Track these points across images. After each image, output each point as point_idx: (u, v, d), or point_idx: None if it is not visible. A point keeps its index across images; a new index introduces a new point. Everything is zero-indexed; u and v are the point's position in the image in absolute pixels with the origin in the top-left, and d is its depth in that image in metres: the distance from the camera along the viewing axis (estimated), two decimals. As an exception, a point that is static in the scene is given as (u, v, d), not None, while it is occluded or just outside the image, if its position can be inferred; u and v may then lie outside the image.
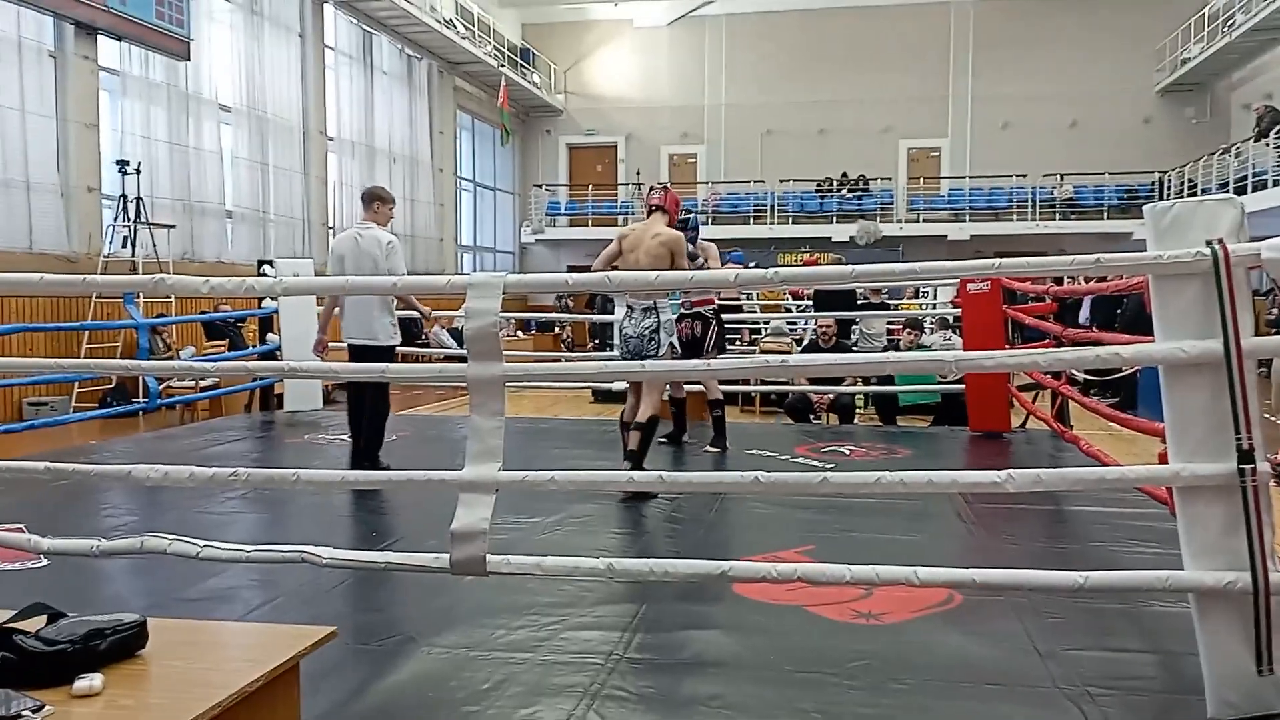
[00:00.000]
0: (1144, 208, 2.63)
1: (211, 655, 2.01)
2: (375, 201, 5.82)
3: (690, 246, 6.26)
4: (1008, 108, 21.55)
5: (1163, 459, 2.60)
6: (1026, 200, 20.79)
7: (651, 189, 5.86)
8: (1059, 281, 7.15)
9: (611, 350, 12.53)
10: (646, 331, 5.43)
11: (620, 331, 5.60)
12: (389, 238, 5.74)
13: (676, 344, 5.76)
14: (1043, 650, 2.97)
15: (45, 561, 3.70)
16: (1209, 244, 2.38)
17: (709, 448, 6.62)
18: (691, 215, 6.84)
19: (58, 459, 4.02)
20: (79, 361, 6.84)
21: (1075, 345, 5.44)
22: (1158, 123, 21.19)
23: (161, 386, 8.58)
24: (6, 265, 8.64)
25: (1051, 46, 21.21)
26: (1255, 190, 14.70)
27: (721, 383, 8.05)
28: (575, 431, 7.87)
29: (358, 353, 5.67)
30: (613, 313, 11.52)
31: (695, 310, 6.43)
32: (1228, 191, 14.82)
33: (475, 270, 20.86)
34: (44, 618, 1.92)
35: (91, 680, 1.74)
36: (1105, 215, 20.41)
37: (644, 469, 5.27)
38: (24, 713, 1.60)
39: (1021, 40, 21.39)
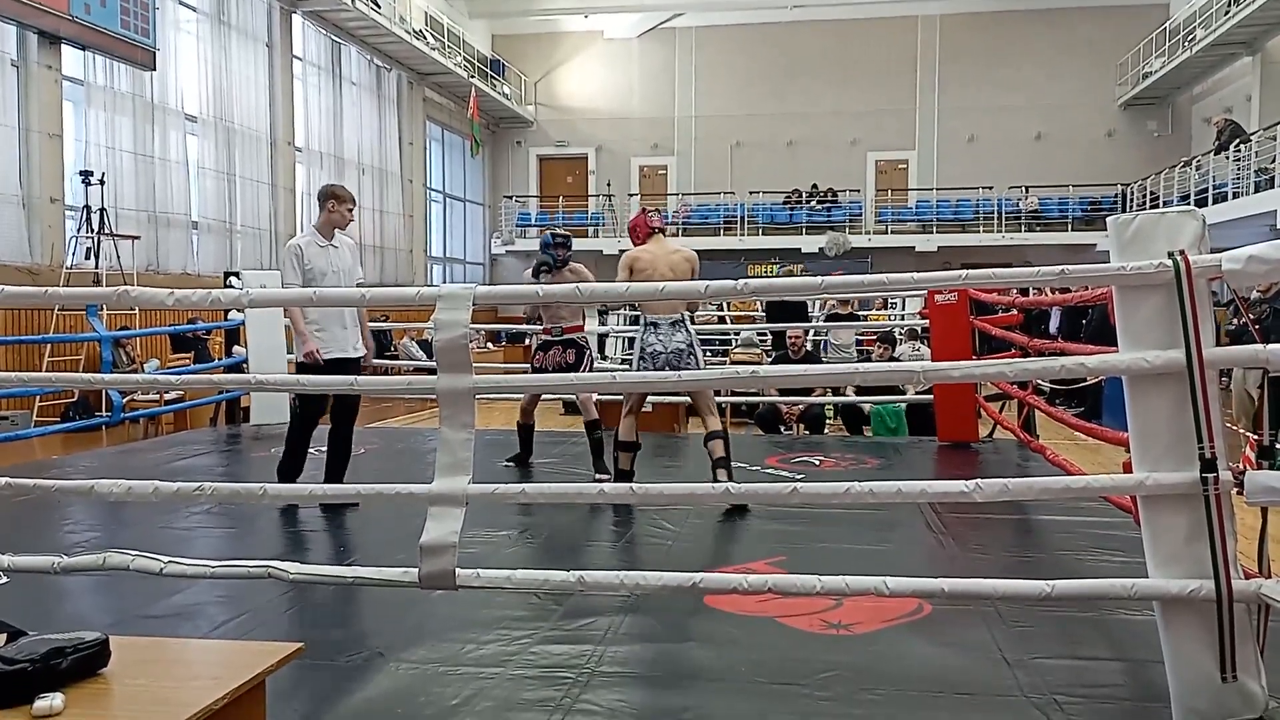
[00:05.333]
0: (1107, 219, 2.66)
1: (175, 673, 1.98)
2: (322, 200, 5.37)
3: (551, 265, 5.90)
4: (974, 121, 21.82)
5: (1127, 468, 2.63)
6: (993, 212, 21.04)
7: (653, 211, 5.67)
8: (1025, 293, 7.23)
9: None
10: (683, 347, 5.30)
11: (642, 347, 5.36)
12: (288, 244, 5.36)
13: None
14: (1011, 659, 2.99)
15: (4, 579, 3.63)
16: (1171, 255, 2.41)
17: (598, 477, 5.77)
18: (550, 233, 6.14)
19: (18, 474, 3.96)
20: (40, 375, 6.74)
21: (1041, 355, 5.50)
22: (1120, 136, 21.55)
23: (125, 400, 8.45)
24: (-34, 277, 8.52)
25: (1016, 61, 21.52)
26: (1216, 202, 14.96)
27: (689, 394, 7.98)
28: (546, 444, 7.83)
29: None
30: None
31: (567, 337, 6.02)
32: (1189, 203, 15.06)
33: (445, 281, 20.79)
34: (3, 636, 1.88)
35: (52, 700, 1.71)
36: (1069, 227, 20.70)
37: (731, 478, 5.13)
38: (-19, 735, 1.57)
39: (987, 54, 21.68)
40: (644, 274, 5.34)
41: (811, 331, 10.47)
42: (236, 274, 9.18)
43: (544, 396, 8.53)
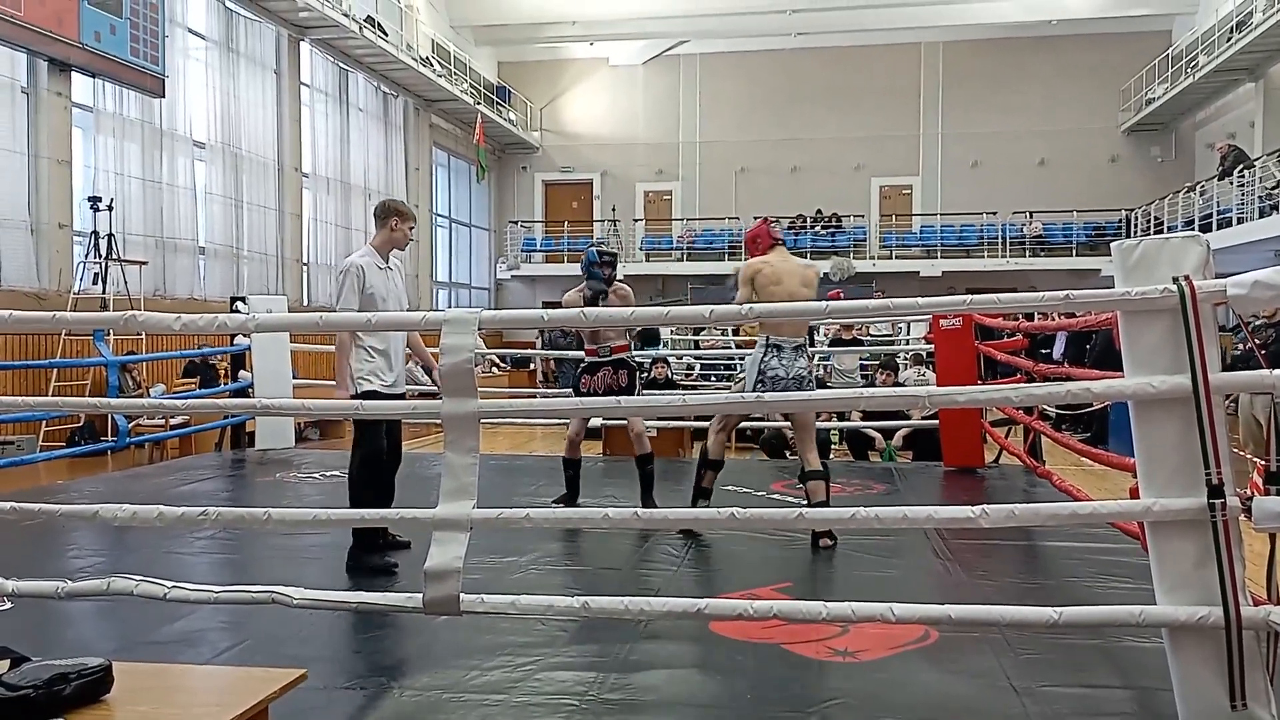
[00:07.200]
0: (1112, 245, 2.67)
1: (178, 700, 1.97)
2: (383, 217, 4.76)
3: (602, 285, 5.53)
4: (977, 146, 21.89)
5: (1134, 494, 2.62)
6: (997, 237, 21.05)
7: (774, 222, 5.30)
8: (1030, 318, 7.24)
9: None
10: (804, 374, 4.95)
11: (762, 369, 4.95)
12: (346, 263, 4.68)
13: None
14: (1019, 687, 2.97)
15: (9, 604, 3.63)
16: (1176, 281, 2.42)
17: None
18: (595, 249, 5.74)
19: (24, 499, 3.96)
20: (47, 400, 6.73)
21: (1047, 380, 5.49)
22: (1124, 161, 21.59)
23: (131, 425, 8.46)
24: (-26, 302, 8.55)
25: (1019, 86, 21.62)
26: (1220, 228, 14.95)
27: (695, 418, 7.93)
28: (551, 468, 7.82)
29: None
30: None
31: (616, 357, 5.65)
32: (1193, 229, 15.07)
33: (451, 306, 20.83)
34: (6, 662, 1.88)
35: (54, 727, 1.71)
36: (1074, 252, 20.69)
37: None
38: (-17, 761, 1.56)
39: (990, 80, 21.78)
40: (768, 288, 4.95)
41: (816, 356, 10.46)
42: (243, 299, 9.21)
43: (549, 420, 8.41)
